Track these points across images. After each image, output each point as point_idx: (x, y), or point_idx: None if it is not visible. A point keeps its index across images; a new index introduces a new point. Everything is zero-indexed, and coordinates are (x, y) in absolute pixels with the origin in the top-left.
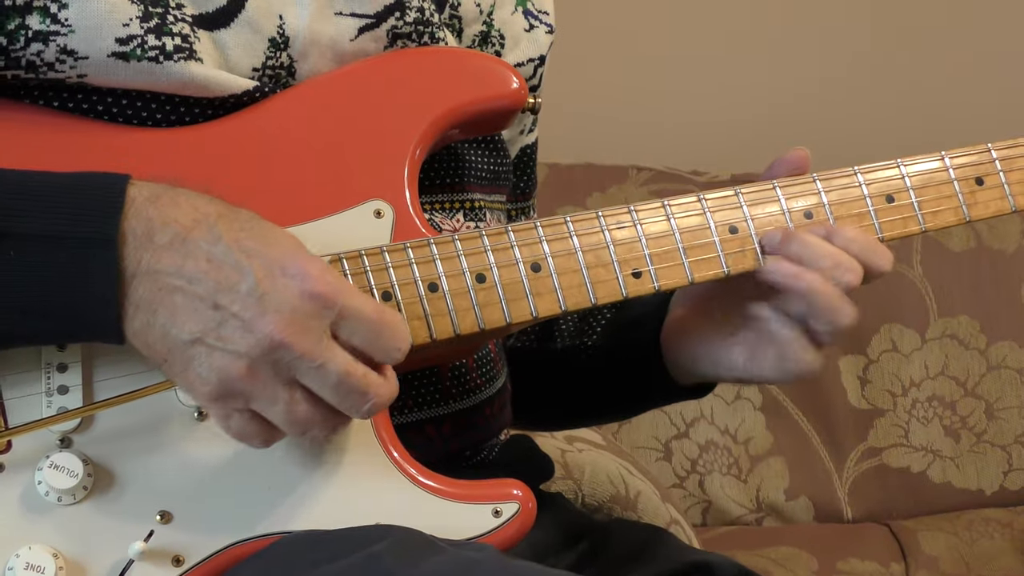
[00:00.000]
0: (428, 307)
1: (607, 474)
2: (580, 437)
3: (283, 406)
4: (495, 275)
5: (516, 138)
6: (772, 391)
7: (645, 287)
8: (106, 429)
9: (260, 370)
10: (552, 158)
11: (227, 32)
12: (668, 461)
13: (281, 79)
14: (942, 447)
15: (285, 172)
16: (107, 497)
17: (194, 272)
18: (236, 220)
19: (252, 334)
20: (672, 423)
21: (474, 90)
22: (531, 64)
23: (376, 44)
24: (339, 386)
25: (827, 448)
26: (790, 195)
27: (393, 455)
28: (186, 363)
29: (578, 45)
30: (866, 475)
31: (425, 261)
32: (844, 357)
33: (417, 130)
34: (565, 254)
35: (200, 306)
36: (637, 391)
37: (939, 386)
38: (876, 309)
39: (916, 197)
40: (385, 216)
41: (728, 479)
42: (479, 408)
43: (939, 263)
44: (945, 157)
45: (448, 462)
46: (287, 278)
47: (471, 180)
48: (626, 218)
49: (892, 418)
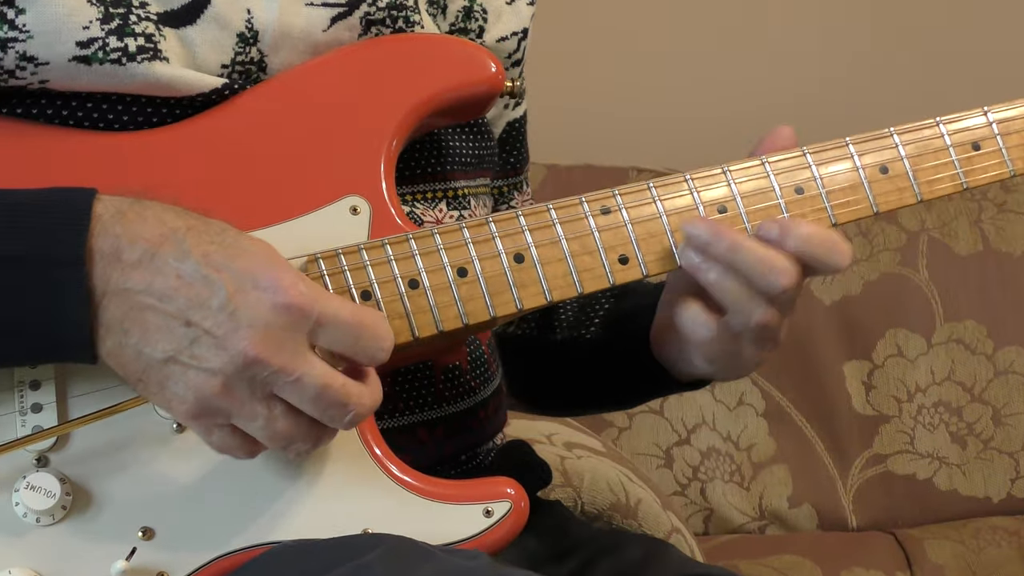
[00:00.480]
0: (409, 304)
1: (607, 481)
2: (579, 444)
3: (262, 422)
4: (477, 268)
5: (502, 114)
6: (775, 397)
7: (633, 273)
8: (83, 446)
9: (236, 387)
10: (551, 159)
11: (194, 29)
12: (669, 468)
13: (252, 75)
14: (948, 454)
15: (257, 171)
16: (87, 516)
17: (164, 290)
18: (206, 233)
19: (225, 351)
20: (673, 430)
21: (450, 77)
22: (515, 37)
23: (350, 33)
24: (318, 399)
25: (831, 455)
26: (780, 170)
27: (379, 458)
28: (161, 382)
29: (577, 44)
30: (871, 482)
31: (404, 257)
32: (848, 362)
33: (392, 121)
34: (549, 243)
35: (172, 324)
36: (635, 383)
37: (945, 392)
38: (881, 313)
39: (911, 166)
40: (362, 212)
41: (730, 486)
42: (473, 411)
43: (945, 266)
44: (939, 123)
45: (441, 466)
46: (259, 291)
47: (454, 167)
48: (611, 203)
49: (897, 424)
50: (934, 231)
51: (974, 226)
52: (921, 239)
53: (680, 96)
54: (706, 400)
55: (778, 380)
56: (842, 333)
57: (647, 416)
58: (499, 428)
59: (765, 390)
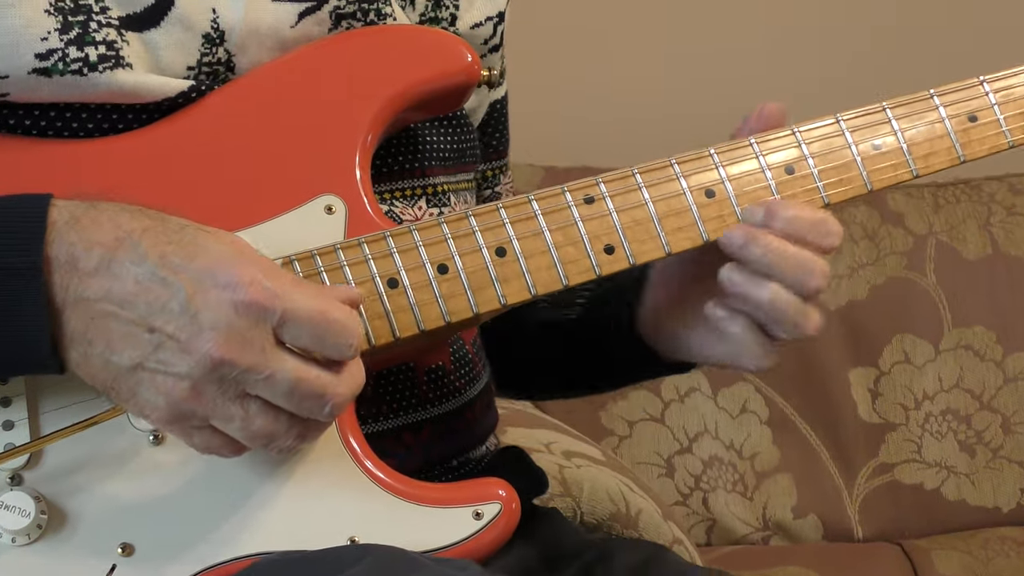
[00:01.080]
0: (389, 304)
1: (607, 491)
2: (579, 452)
3: (239, 422)
4: (458, 264)
5: (484, 97)
6: (779, 404)
7: (619, 263)
8: (57, 463)
9: (206, 390)
10: (548, 160)
11: (157, 32)
12: (671, 477)
13: (220, 75)
14: (956, 463)
15: (226, 174)
16: (63, 534)
17: (123, 296)
18: (163, 232)
19: (191, 355)
20: (675, 438)
21: (424, 69)
22: (490, 23)
23: (320, 28)
24: (292, 393)
25: (836, 464)
26: (768, 150)
27: (362, 462)
28: (132, 390)
29: (575, 42)
30: (877, 492)
31: (382, 256)
32: (854, 369)
33: (366, 116)
34: (531, 235)
35: (135, 331)
36: (620, 365)
37: (953, 399)
38: (888, 319)
39: (905, 141)
40: (337, 211)
41: (733, 496)
42: (460, 412)
43: (953, 270)
44: (934, 96)
45: (432, 471)
46: (218, 289)
47: (433, 162)
48: (594, 191)
49: (904, 433)
50: (942, 234)
51: (983, 229)
52: (929, 242)
53: (682, 96)
54: (708, 408)
55: (782, 387)
56: (848, 339)
57: (648, 424)
58: (490, 429)
59: (769, 397)
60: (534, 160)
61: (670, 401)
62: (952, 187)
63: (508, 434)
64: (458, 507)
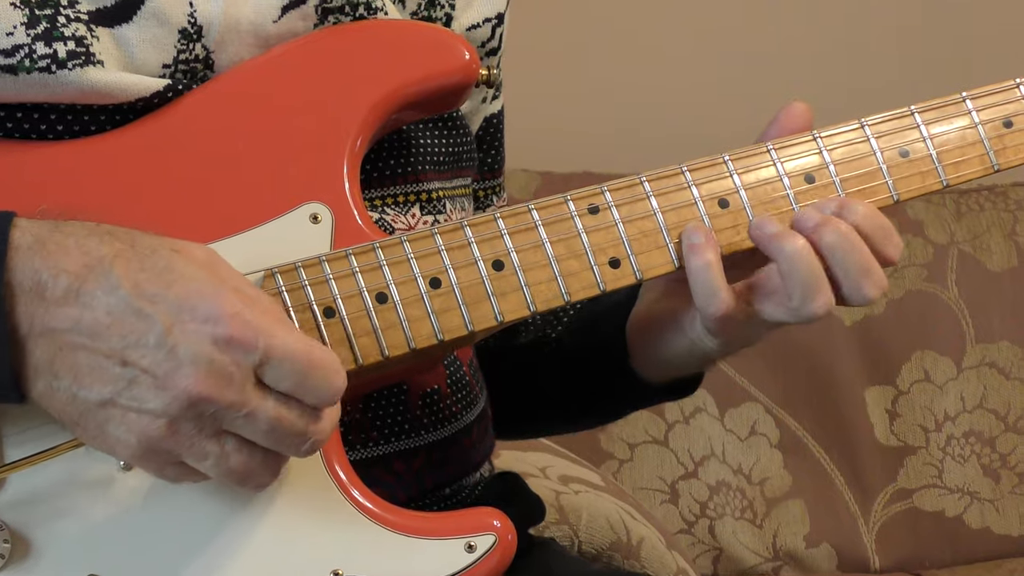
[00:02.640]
0: (377, 320)
1: (607, 518)
2: (576, 477)
3: (214, 460)
4: (452, 277)
5: (478, 108)
6: (791, 426)
7: (625, 277)
8: (21, 490)
9: (182, 427)
10: (546, 166)
11: (130, 27)
12: (675, 504)
13: (198, 73)
14: (980, 488)
15: (204, 180)
16: (27, 565)
17: (94, 327)
18: (134, 258)
19: (167, 391)
20: (679, 462)
21: (418, 67)
22: (488, 24)
23: (305, 23)
24: (272, 432)
25: (852, 490)
26: (786, 157)
27: (348, 490)
28: (101, 426)
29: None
30: (895, 520)
31: (371, 268)
32: (871, 388)
33: (355, 119)
34: (531, 247)
35: (106, 364)
36: (605, 391)
37: (977, 420)
38: (906, 335)
39: (935, 148)
40: (323, 220)
41: (742, 524)
42: (455, 439)
43: (977, 283)
44: (966, 99)
45: (423, 500)
46: (197, 323)
47: (427, 167)
48: (599, 200)
49: (924, 456)
50: (964, 244)
51: (1008, 239)
52: (950, 253)
53: (686, 98)
54: (715, 430)
55: (794, 408)
56: (864, 356)
57: (650, 447)
58: (486, 456)
59: (779, 419)
60: (529, 165)
61: (674, 422)
62: (975, 194)
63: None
64: (450, 538)
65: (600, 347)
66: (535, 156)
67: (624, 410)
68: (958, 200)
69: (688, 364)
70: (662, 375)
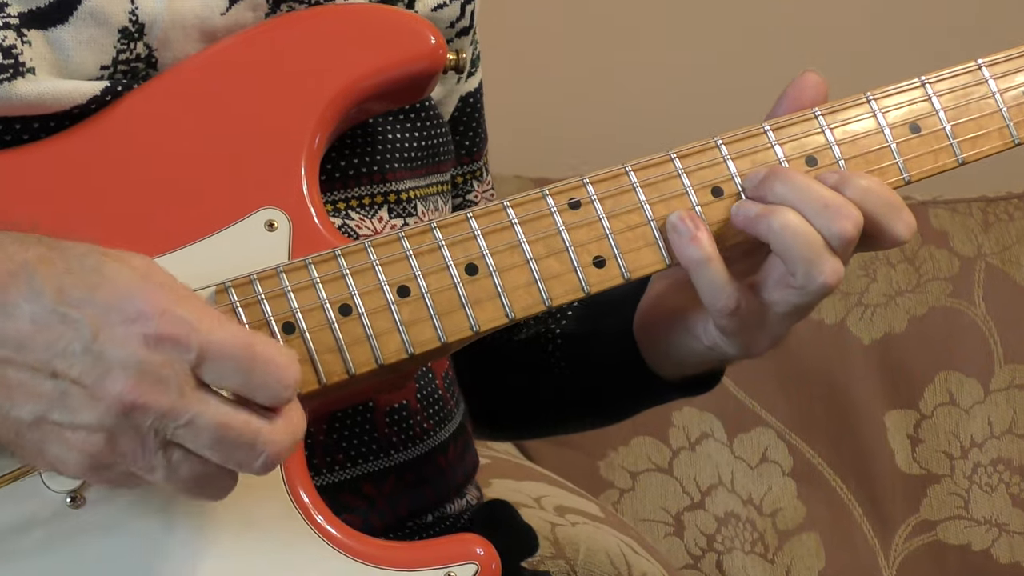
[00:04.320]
0: (342, 335)
1: (606, 552)
2: (574, 508)
3: (163, 473)
4: (421, 285)
5: (452, 89)
6: (805, 453)
7: (611, 277)
8: None
9: (121, 440)
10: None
11: (65, 29)
12: (680, 537)
13: (139, 73)
14: (1009, 520)
15: (147, 188)
16: None
17: (17, 338)
18: (61, 262)
19: (100, 400)
20: (684, 491)
21: (379, 55)
22: (456, 3)
23: (255, 13)
24: (218, 443)
25: (871, 521)
26: (786, 138)
27: (313, 518)
28: (38, 446)
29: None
30: (918, 554)
31: (333, 278)
32: (891, 412)
33: (312, 114)
34: (507, 248)
35: (35, 378)
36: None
37: (1006, 447)
38: (929, 354)
39: (948, 121)
40: (279, 227)
41: (752, 558)
42: (430, 457)
43: (1006, 298)
44: (982, 67)
45: (401, 527)
46: (126, 324)
47: (395, 165)
48: (581, 193)
49: (949, 485)
50: (992, 256)
51: None
52: (977, 266)
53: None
54: (723, 457)
55: (808, 433)
56: (884, 378)
57: (653, 476)
58: (468, 478)
59: (793, 445)
60: (523, 171)
61: (679, 449)
62: (1004, 202)
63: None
64: (427, 569)
65: (608, 341)
66: (529, 162)
67: (636, 407)
68: (986, 209)
69: (704, 365)
70: (676, 373)
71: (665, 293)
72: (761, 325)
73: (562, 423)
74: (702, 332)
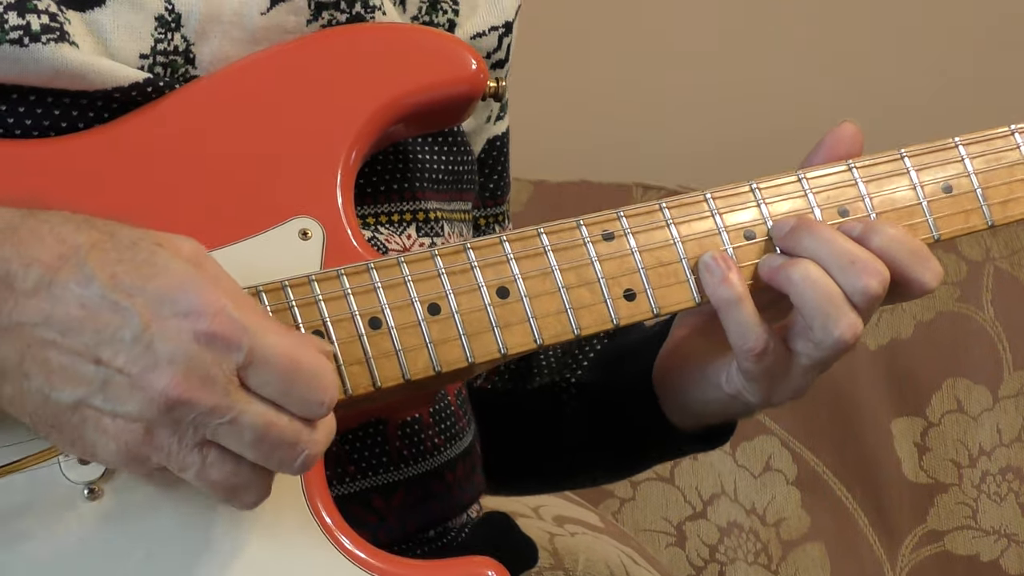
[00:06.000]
0: (370, 348)
1: (606, 563)
2: (573, 518)
3: (194, 471)
4: (452, 304)
5: (481, 128)
6: (809, 461)
7: (641, 311)
8: None
9: (160, 433)
10: (539, 174)
11: (103, 12)
12: (681, 547)
13: (177, 67)
14: (1019, 530)
15: (186, 188)
16: None
17: (66, 321)
18: (112, 249)
19: (143, 392)
20: (686, 500)
21: (420, 76)
22: (494, 33)
23: (296, 17)
24: (261, 441)
25: (877, 531)
26: (820, 187)
27: (333, 533)
28: (77, 430)
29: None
30: (925, 565)
31: (364, 290)
32: (898, 420)
33: (351, 129)
34: (539, 274)
35: (78, 362)
36: (631, 439)
37: (1015, 455)
38: (937, 361)
39: (980, 184)
40: (313, 236)
41: (755, 569)
42: (438, 473)
43: (1015, 303)
44: (1015, 132)
45: (406, 544)
46: (178, 318)
47: (425, 185)
48: (615, 226)
49: (957, 495)
50: (1001, 260)
51: None
52: (985, 270)
53: (693, 99)
54: (726, 465)
55: (813, 442)
56: (890, 384)
57: (654, 485)
58: (474, 497)
59: (797, 453)
60: (521, 174)
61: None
62: None
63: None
64: None
65: (626, 389)
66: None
67: (646, 460)
68: None
69: (723, 415)
70: (692, 424)
71: (686, 340)
72: (786, 373)
73: (568, 477)
74: (724, 380)
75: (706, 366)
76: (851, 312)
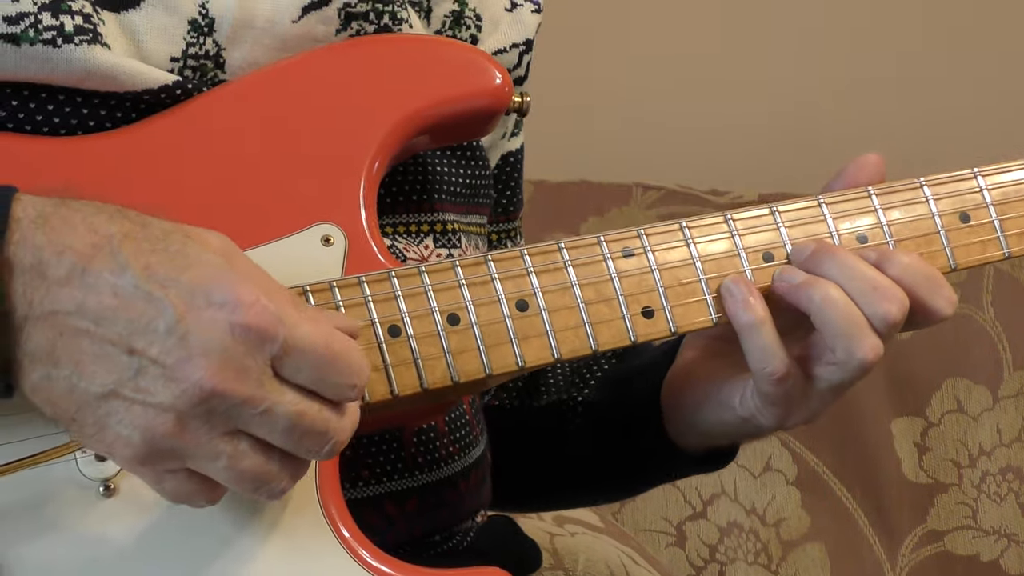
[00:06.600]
0: (388, 355)
1: (606, 563)
2: (573, 518)
3: (225, 462)
4: (471, 315)
5: (496, 143)
6: (809, 461)
7: (658, 329)
8: None
9: (191, 424)
10: (539, 174)
11: (137, 14)
12: (681, 547)
13: (207, 71)
14: (1019, 530)
15: (211, 191)
16: None
17: (99, 310)
18: (146, 240)
19: (177, 383)
20: (686, 500)
21: (445, 88)
22: (515, 50)
23: (326, 26)
24: (292, 429)
25: (877, 531)
26: (839, 213)
27: (344, 537)
28: (100, 421)
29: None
30: (925, 565)
31: (384, 298)
32: (898, 420)
33: (375, 138)
34: (558, 288)
35: (112, 351)
36: (635, 460)
37: (1015, 455)
38: (937, 361)
39: (997, 215)
40: (335, 243)
41: (755, 569)
42: (451, 481)
43: (1015, 303)
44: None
45: (412, 548)
46: (213, 309)
47: (443, 197)
48: (635, 243)
49: (957, 495)
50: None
51: None
52: (986, 271)
53: (694, 98)
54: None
55: (813, 442)
56: (890, 385)
57: None
58: (482, 505)
59: (797, 453)
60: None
61: None
62: None
63: None
64: None
65: (633, 407)
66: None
67: (647, 480)
68: None
69: (732, 437)
70: (697, 445)
71: (697, 362)
72: (803, 398)
73: (569, 496)
74: (739, 402)
75: (719, 388)
76: (873, 334)
